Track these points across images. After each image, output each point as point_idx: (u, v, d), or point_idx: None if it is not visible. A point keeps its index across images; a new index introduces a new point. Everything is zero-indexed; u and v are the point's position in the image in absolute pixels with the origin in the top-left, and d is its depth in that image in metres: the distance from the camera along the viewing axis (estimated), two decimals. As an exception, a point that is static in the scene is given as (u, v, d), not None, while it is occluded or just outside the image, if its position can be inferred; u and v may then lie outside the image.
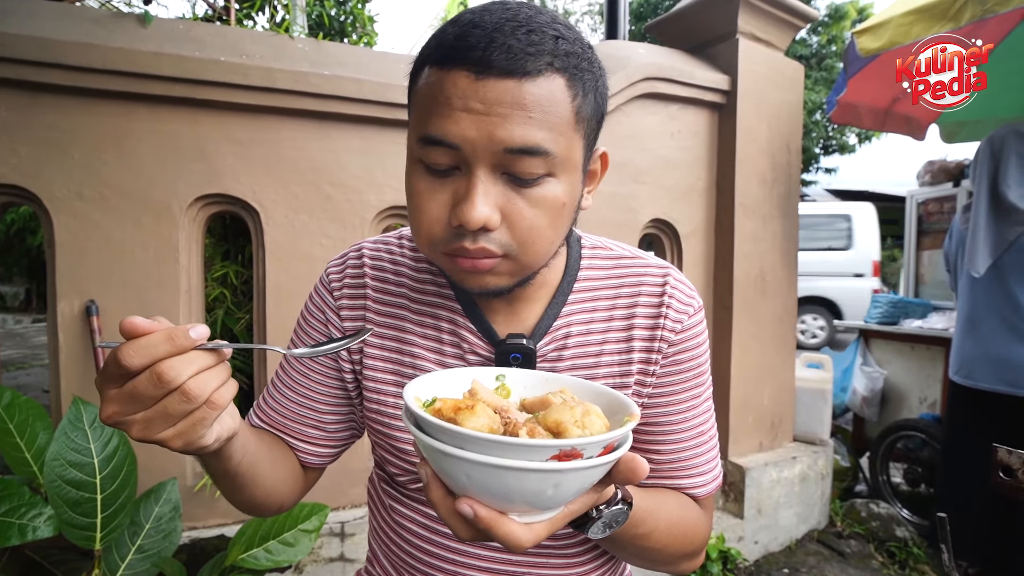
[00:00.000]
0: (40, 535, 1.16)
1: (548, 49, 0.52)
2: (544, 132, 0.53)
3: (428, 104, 0.54)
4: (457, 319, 0.70)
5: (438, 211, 0.56)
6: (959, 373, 2.18)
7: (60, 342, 1.66)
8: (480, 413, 0.45)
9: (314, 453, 0.76)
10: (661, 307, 0.69)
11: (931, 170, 3.75)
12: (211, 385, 0.46)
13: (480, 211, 0.53)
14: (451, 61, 0.52)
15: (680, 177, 2.50)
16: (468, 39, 0.52)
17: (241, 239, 2.09)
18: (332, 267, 0.75)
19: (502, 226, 0.55)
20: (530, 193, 0.55)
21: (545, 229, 0.57)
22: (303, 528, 1.41)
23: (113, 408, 0.45)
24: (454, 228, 0.55)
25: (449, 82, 0.52)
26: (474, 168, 0.53)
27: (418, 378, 0.53)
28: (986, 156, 2.10)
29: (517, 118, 0.51)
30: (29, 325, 10.79)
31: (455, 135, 0.52)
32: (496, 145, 0.52)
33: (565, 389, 0.56)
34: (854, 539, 2.66)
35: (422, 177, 0.57)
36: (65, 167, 1.65)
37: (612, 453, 0.45)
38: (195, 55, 1.70)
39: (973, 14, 1.83)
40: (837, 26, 12.72)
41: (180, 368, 0.44)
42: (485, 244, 0.55)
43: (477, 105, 0.51)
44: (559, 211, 0.57)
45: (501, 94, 0.51)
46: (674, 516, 0.66)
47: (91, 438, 1.26)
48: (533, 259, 0.59)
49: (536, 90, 0.52)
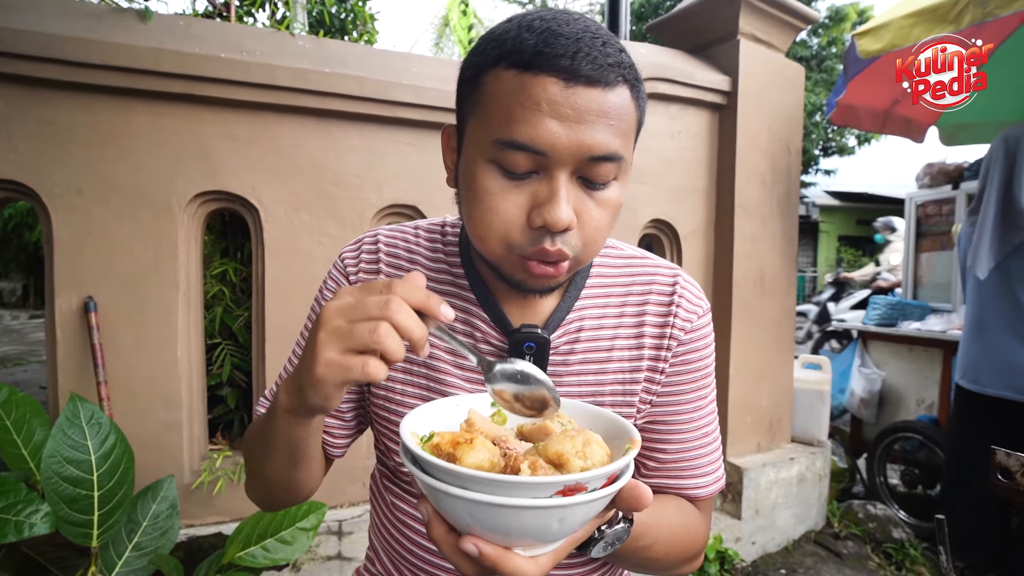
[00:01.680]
0: (37, 532, 1.16)
1: (618, 61, 0.55)
2: (620, 139, 0.56)
3: (509, 107, 0.54)
4: (471, 308, 0.70)
5: (516, 213, 0.57)
6: (965, 377, 2.17)
7: (58, 338, 1.66)
8: (479, 447, 0.45)
9: (335, 445, 0.77)
10: (671, 306, 0.70)
11: (930, 172, 3.76)
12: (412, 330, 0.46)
13: (566, 213, 0.55)
14: (537, 66, 0.53)
15: (680, 177, 2.50)
16: (554, 46, 0.53)
17: (240, 236, 2.09)
18: (347, 252, 0.75)
19: (575, 228, 0.57)
20: (599, 196, 0.58)
21: (606, 230, 0.60)
22: (301, 526, 1.41)
23: (336, 304, 0.47)
24: (535, 230, 0.56)
25: (538, 87, 0.53)
26: (556, 172, 0.55)
27: (413, 411, 0.53)
28: (1000, 155, 2.03)
29: (602, 126, 0.54)
30: (27, 321, 10.77)
31: (544, 141, 0.53)
32: (583, 152, 0.54)
33: (562, 414, 0.55)
34: (851, 540, 2.66)
35: (496, 179, 0.57)
36: (64, 163, 1.64)
37: (615, 483, 0.45)
38: (195, 51, 1.70)
39: (974, 17, 1.83)
40: (838, 28, 12.73)
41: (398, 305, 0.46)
42: (562, 246, 0.57)
43: (568, 112, 0.53)
44: (617, 212, 0.61)
45: (588, 102, 0.53)
46: (674, 524, 0.66)
47: (88, 435, 1.25)
48: (590, 258, 0.61)
49: (615, 99, 0.54)
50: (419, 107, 1.93)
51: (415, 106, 1.93)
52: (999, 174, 2.03)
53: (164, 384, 1.76)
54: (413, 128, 1.98)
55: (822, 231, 17.61)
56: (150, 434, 1.74)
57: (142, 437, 1.68)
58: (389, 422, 0.72)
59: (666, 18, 2.74)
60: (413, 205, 2.03)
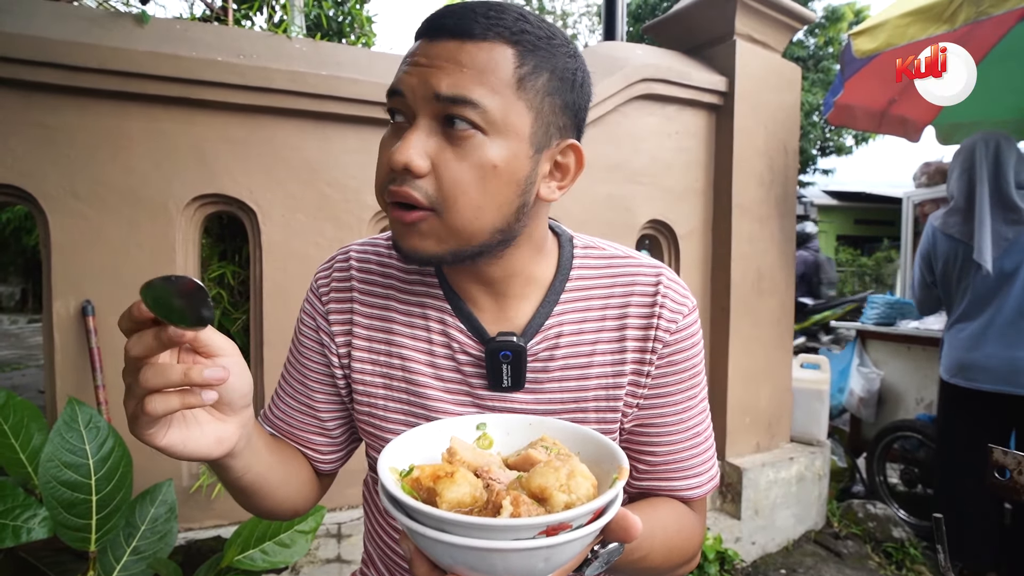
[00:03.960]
0: (34, 537, 1.16)
1: (500, 22, 0.57)
2: (476, 86, 0.56)
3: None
4: (446, 318, 0.69)
5: (386, 158, 0.59)
6: (957, 376, 2.18)
7: (56, 342, 1.65)
8: (460, 481, 0.44)
9: (324, 460, 0.76)
10: (655, 307, 0.68)
11: (927, 171, 3.77)
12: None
13: (403, 152, 0.56)
14: (419, 33, 0.60)
15: (677, 178, 2.50)
16: (439, 14, 0.59)
17: (238, 239, 2.09)
18: (320, 272, 0.76)
19: (430, 176, 0.57)
20: (461, 147, 0.57)
21: (470, 186, 0.57)
22: (299, 529, 1.41)
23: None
24: (387, 174, 0.59)
25: (412, 47, 0.60)
26: (417, 118, 0.58)
27: (392, 442, 0.51)
28: (982, 156, 2.11)
29: (451, 70, 0.56)
30: (24, 325, 10.75)
31: (401, 83, 0.59)
32: (429, 89, 0.56)
33: (545, 436, 0.54)
34: (851, 540, 2.66)
35: (387, 133, 0.62)
36: (61, 166, 1.64)
37: (602, 517, 0.44)
38: (192, 55, 1.70)
39: (968, 16, 1.83)
40: (834, 28, 12.76)
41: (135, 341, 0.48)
42: (410, 189, 0.57)
43: (422, 59, 0.58)
44: (489, 172, 0.57)
45: (442, 51, 0.57)
46: (669, 531, 0.65)
47: (86, 439, 1.25)
48: (458, 220, 0.58)
49: (476, 51, 0.56)
50: (416, 109, 1.93)
51: (412, 108, 1.93)
52: (987, 173, 2.09)
53: (162, 388, 1.76)
54: (410, 130, 1.98)
55: (820, 231, 17.60)
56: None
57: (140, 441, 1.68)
58: (375, 436, 0.72)
59: (662, 19, 2.74)
60: (411, 207, 2.03)
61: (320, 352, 0.73)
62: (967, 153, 2.18)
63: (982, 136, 2.16)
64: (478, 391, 0.68)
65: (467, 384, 0.69)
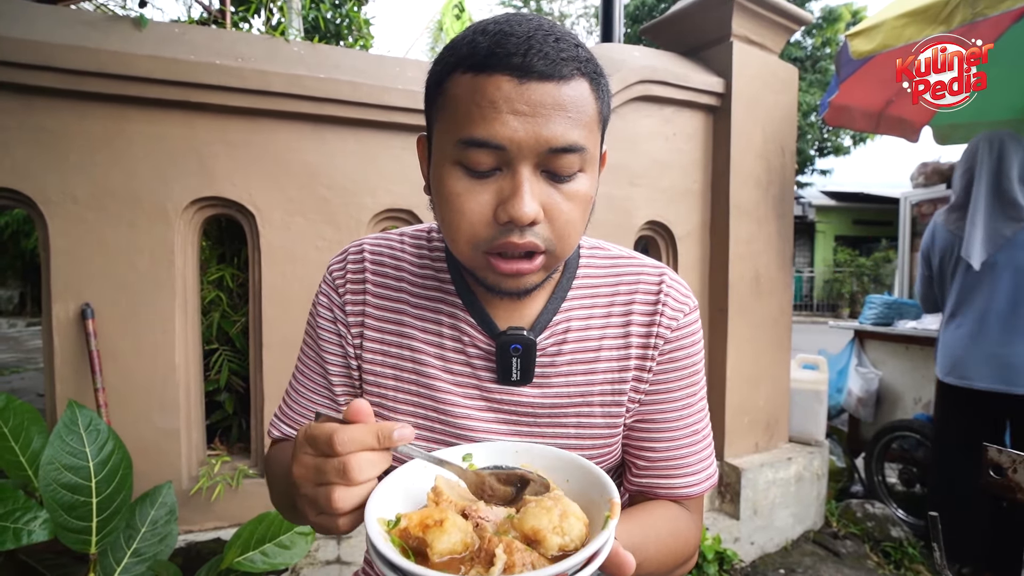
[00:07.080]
0: (35, 539, 1.16)
1: (574, 55, 0.57)
2: (580, 130, 0.57)
3: (467, 108, 0.56)
4: (458, 313, 0.71)
5: (481, 211, 0.58)
6: (951, 374, 2.19)
7: (55, 346, 1.66)
8: (450, 529, 0.44)
9: None
10: (657, 305, 0.71)
11: (925, 171, 3.78)
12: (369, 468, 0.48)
13: (530, 205, 0.56)
14: (490, 67, 0.55)
15: (675, 179, 2.51)
16: (506, 46, 0.55)
17: (237, 242, 2.09)
18: (334, 264, 0.76)
19: (544, 221, 0.58)
20: (566, 189, 0.59)
21: (578, 223, 0.61)
22: (299, 531, 1.41)
23: (300, 470, 0.49)
24: (501, 225, 0.58)
25: (492, 86, 0.55)
26: (518, 167, 0.56)
27: (377, 490, 0.49)
28: (985, 154, 2.12)
29: (559, 118, 0.55)
30: (24, 329, 10.74)
31: (502, 136, 0.55)
32: (542, 145, 0.55)
33: (531, 464, 0.54)
34: (850, 539, 2.67)
35: (461, 179, 0.58)
36: (59, 170, 1.65)
37: (595, 560, 0.44)
38: (190, 58, 1.71)
39: (964, 17, 1.85)
40: (831, 29, 12.80)
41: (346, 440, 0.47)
42: (532, 238, 0.58)
43: (523, 107, 0.54)
44: (587, 204, 0.62)
45: (543, 96, 0.55)
46: (664, 536, 0.66)
47: (86, 442, 1.25)
48: (566, 253, 0.62)
49: (571, 92, 0.56)
50: (414, 112, 1.94)
51: (410, 111, 1.93)
52: (987, 171, 2.10)
53: (162, 390, 1.76)
54: (408, 132, 1.99)
55: (818, 231, 17.66)
56: (148, 440, 1.74)
57: (140, 443, 1.68)
58: None
59: (660, 21, 2.75)
60: (408, 209, 2.03)
61: (339, 343, 0.74)
62: (971, 150, 2.19)
63: (987, 134, 2.16)
64: (486, 384, 0.70)
65: (476, 377, 0.70)
